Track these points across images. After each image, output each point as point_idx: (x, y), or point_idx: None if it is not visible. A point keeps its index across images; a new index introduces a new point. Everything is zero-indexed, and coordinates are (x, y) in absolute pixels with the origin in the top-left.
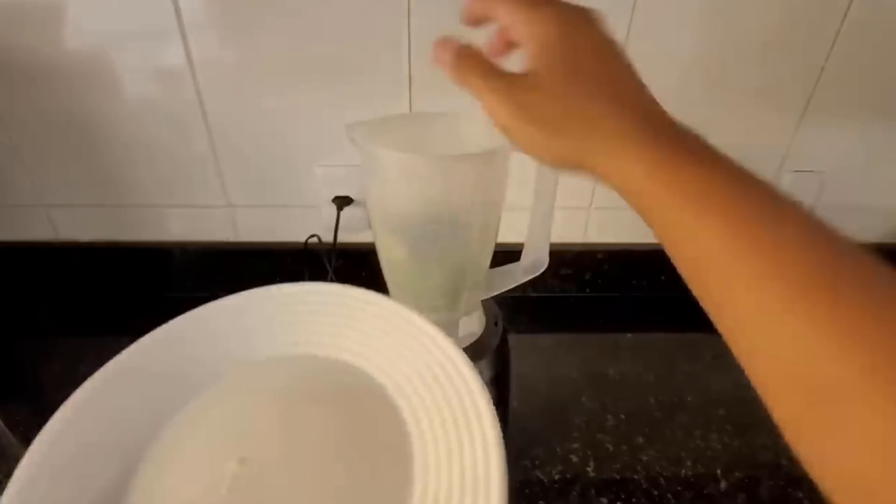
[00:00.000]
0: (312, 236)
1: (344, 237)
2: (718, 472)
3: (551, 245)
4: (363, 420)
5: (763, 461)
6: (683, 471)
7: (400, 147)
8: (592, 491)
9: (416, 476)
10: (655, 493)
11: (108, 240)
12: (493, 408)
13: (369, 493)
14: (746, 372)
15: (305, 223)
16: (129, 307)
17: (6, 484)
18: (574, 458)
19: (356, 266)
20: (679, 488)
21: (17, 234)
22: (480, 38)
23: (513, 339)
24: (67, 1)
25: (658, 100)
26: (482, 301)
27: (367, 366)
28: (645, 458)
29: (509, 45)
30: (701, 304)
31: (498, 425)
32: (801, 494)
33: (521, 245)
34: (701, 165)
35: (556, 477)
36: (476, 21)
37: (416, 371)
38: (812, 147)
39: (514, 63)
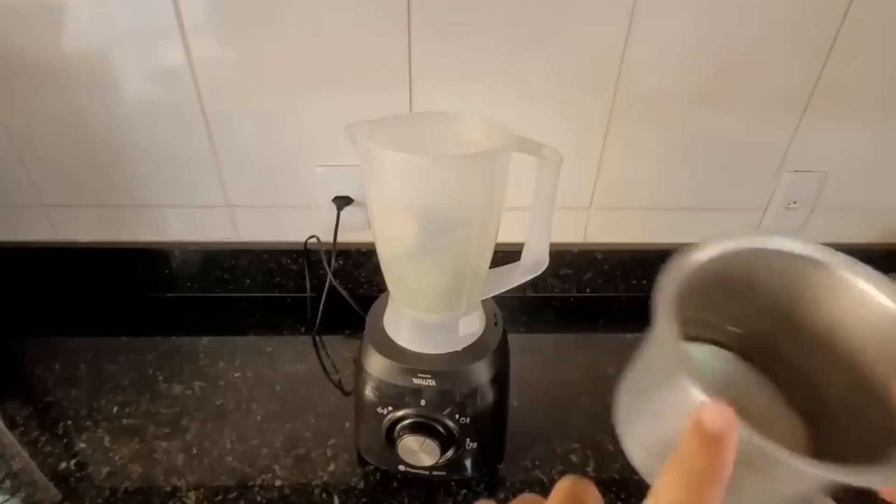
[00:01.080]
0: (312, 237)
1: (344, 237)
2: None
3: (551, 245)
4: None
5: None
6: None
7: (400, 147)
8: None
9: None
10: None
11: (108, 240)
12: None
13: None
14: None
15: (305, 223)
16: (129, 307)
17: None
18: (574, 458)
19: (356, 266)
20: None
21: (17, 234)
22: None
23: (513, 339)
24: (67, 1)
25: (658, 99)
26: (482, 301)
27: None
28: None
29: None
30: None
31: None
32: None
33: (521, 245)
34: None
35: (556, 477)
36: None
37: None
38: (812, 147)
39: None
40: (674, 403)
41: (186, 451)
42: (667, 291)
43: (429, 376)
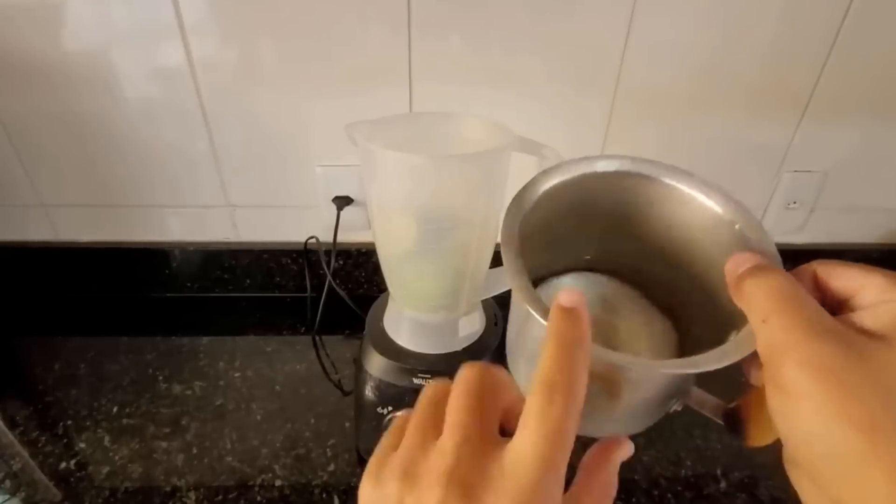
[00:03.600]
0: (312, 237)
1: (344, 237)
2: (718, 472)
3: None
4: None
5: (763, 461)
6: (683, 471)
7: (400, 147)
8: None
9: None
10: (655, 493)
11: (108, 240)
12: None
13: None
14: None
15: (305, 223)
16: (129, 307)
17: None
18: (573, 457)
19: (356, 266)
20: (679, 488)
21: (17, 234)
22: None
23: None
24: (67, 1)
25: (658, 99)
26: (482, 301)
27: None
28: (645, 458)
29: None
30: None
31: None
32: None
33: None
34: None
35: None
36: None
37: None
38: (812, 147)
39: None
40: (528, 331)
41: (186, 451)
42: (509, 230)
43: (429, 376)
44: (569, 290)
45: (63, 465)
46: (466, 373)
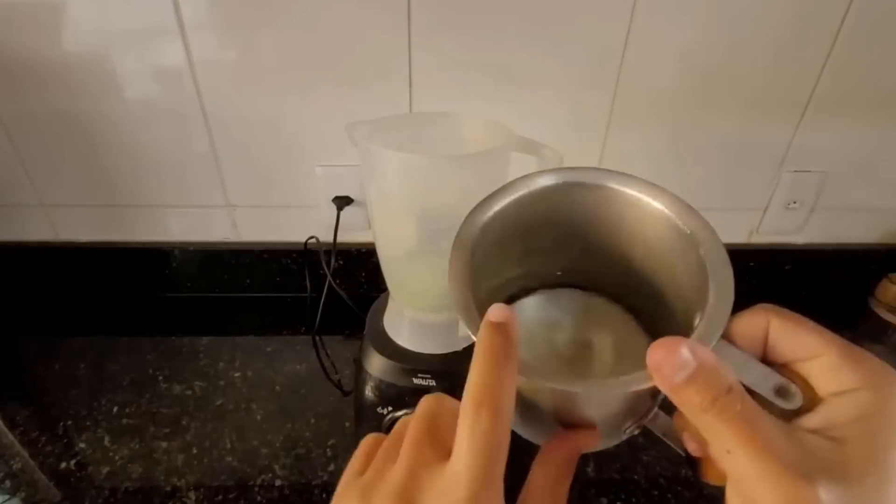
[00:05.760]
0: (312, 237)
1: (344, 237)
2: None
3: None
4: None
5: None
6: (683, 471)
7: (400, 147)
8: (592, 491)
9: None
10: (655, 493)
11: (108, 240)
12: None
13: None
14: None
15: (305, 223)
16: (129, 307)
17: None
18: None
19: (356, 266)
20: (679, 488)
21: (17, 234)
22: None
23: None
24: (67, 1)
25: (658, 99)
26: None
27: None
28: (645, 458)
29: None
30: None
31: None
32: None
33: None
34: None
35: None
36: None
37: None
38: (812, 147)
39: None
40: None
41: (186, 451)
42: (456, 264)
43: (429, 376)
44: (499, 307)
45: (63, 465)
46: (422, 404)
